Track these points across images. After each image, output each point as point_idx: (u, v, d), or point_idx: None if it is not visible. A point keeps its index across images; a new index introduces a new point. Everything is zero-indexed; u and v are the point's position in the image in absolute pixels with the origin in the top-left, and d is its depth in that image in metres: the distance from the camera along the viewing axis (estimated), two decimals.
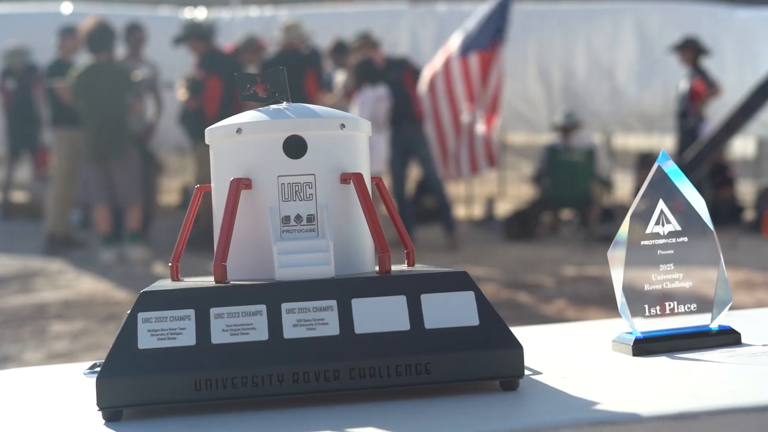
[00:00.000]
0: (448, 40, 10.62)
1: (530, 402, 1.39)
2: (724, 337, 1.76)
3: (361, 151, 1.65)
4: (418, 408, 1.39)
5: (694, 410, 1.23)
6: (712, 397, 1.32)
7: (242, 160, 1.59)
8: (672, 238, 1.77)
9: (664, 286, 1.77)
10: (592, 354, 1.75)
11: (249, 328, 1.44)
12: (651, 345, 1.72)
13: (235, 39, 11.78)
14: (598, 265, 9.61)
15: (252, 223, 1.58)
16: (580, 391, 1.42)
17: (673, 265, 1.77)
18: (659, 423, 1.22)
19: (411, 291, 1.48)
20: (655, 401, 1.31)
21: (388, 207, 1.77)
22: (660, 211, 1.77)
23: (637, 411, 1.25)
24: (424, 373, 1.43)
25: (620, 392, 1.40)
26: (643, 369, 1.58)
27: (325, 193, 1.57)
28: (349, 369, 1.42)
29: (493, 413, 1.34)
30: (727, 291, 1.77)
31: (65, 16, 13.52)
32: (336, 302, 1.46)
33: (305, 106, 1.63)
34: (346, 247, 1.60)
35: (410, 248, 1.77)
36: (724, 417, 1.22)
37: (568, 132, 11.76)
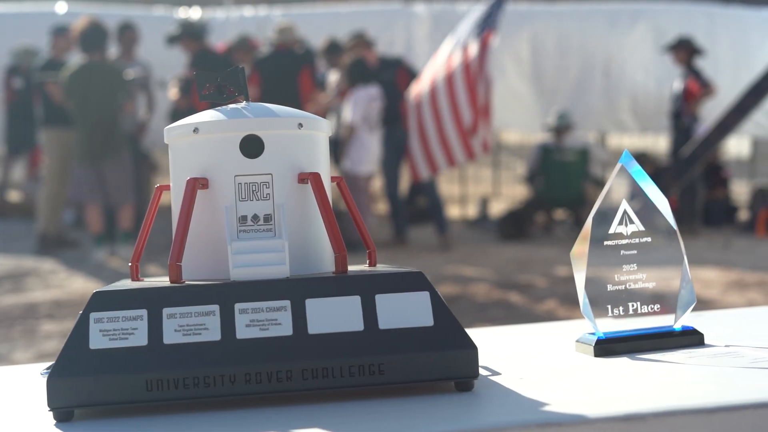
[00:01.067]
0: (442, 43, 10.56)
1: (482, 403, 1.38)
2: (688, 338, 1.75)
3: (320, 150, 1.64)
4: (371, 409, 1.38)
5: (642, 412, 1.22)
6: (663, 398, 1.31)
7: (199, 159, 1.58)
8: (635, 238, 1.76)
9: (627, 287, 1.76)
10: (556, 354, 1.74)
11: (201, 329, 1.43)
12: (613, 346, 1.71)
13: (228, 38, 11.76)
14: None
15: (209, 223, 1.57)
16: (534, 392, 1.41)
17: (637, 266, 1.77)
18: (606, 424, 1.21)
19: (366, 291, 1.47)
20: (606, 402, 1.30)
21: (349, 206, 1.76)
22: (623, 211, 1.77)
23: (584, 412, 1.24)
24: (378, 374, 1.42)
25: (573, 393, 1.40)
26: (602, 370, 1.57)
27: (282, 192, 1.56)
28: (301, 369, 1.41)
29: (444, 414, 1.33)
30: (691, 291, 1.76)
31: (60, 15, 13.51)
32: (290, 302, 1.45)
33: (263, 105, 1.62)
34: (304, 247, 1.59)
35: (372, 248, 1.76)
36: (671, 418, 1.21)
37: (561, 132, 11.76)
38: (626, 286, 1.76)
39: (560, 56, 13.42)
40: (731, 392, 1.32)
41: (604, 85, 13.33)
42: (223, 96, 1.64)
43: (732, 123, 10.81)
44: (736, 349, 1.67)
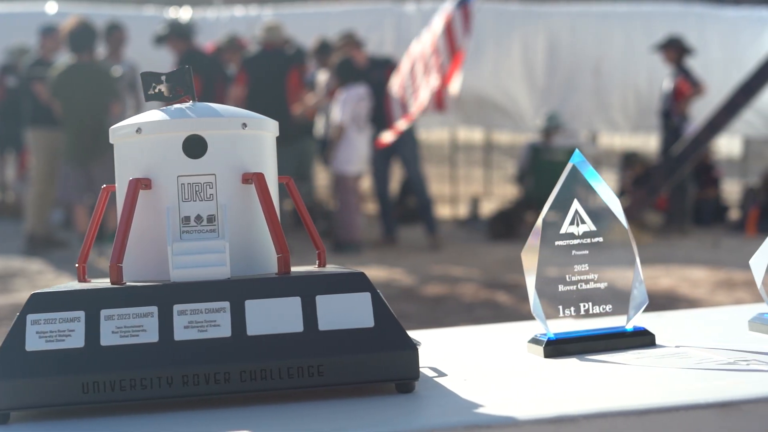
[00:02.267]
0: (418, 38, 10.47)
1: (420, 405, 1.37)
2: (639, 339, 1.74)
3: (265, 150, 1.63)
4: (309, 411, 1.37)
5: (573, 414, 1.21)
6: (599, 399, 1.30)
7: (142, 159, 1.57)
8: (587, 238, 1.75)
9: (579, 287, 1.75)
10: (508, 355, 1.73)
11: (139, 330, 1.42)
12: (564, 346, 1.70)
13: (217, 38, 11.74)
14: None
15: (152, 224, 1.56)
16: (473, 393, 1.40)
17: (588, 266, 1.76)
18: (536, 427, 1.20)
19: (306, 292, 1.46)
20: (541, 404, 1.29)
21: (298, 207, 1.75)
22: (575, 211, 1.76)
23: (515, 414, 1.23)
24: (317, 375, 1.41)
25: (512, 395, 1.39)
26: (548, 371, 1.56)
27: (226, 193, 1.55)
28: (239, 371, 1.40)
29: (380, 416, 1.32)
30: (643, 292, 1.75)
31: (50, 15, 13.49)
32: (229, 304, 1.44)
33: (208, 105, 1.61)
34: (248, 247, 1.58)
35: (321, 249, 1.75)
36: (602, 420, 1.21)
37: (551, 134, 11.76)
38: (578, 286, 1.75)
39: (551, 56, 13.41)
40: (668, 393, 1.31)
41: (594, 84, 13.32)
42: (170, 96, 1.63)
43: (722, 122, 10.82)
44: (685, 349, 1.66)
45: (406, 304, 7.66)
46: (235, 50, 11.01)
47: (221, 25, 13.44)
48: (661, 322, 2.05)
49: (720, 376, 1.42)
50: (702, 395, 1.26)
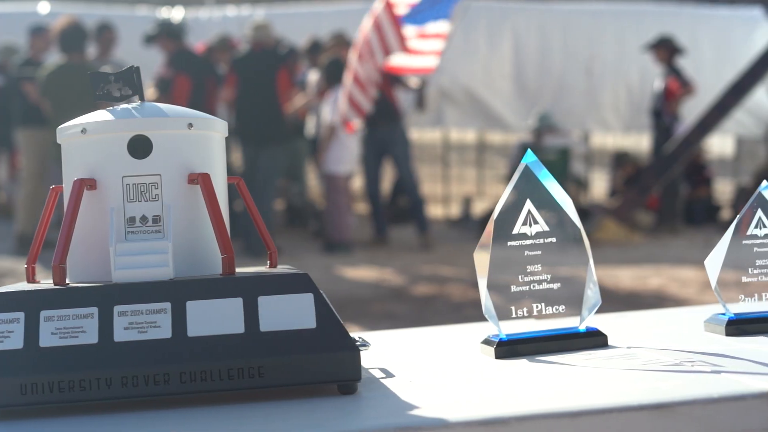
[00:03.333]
0: None
1: (359, 406, 1.36)
2: (592, 339, 1.73)
3: (212, 150, 1.62)
4: (249, 412, 1.37)
5: (505, 416, 1.21)
6: (536, 401, 1.29)
7: (87, 160, 1.56)
8: (540, 238, 1.74)
9: (531, 288, 1.74)
10: (460, 357, 1.72)
11: (79, 331, 1.41)
12: (515, 347, 1.69)
13: (208, 38, 11.73)
14: (570, 265, 9.57)
15: (97, 225, 1.55)
16: (415, 395, 1.40)
17: (541, 266, 1.75)
18: (466, 428, 1.19)
19: (248, 293, 1.45)
20: (477, 406, 1.29)
21: (249, 207, 1.74)
22: (527, 211, 1.75)
23: (447, 416, 1.22)
24: (257, 377, 1.41)
25: (453, 396, 1.38)
26: (494, 372, 1.55)
27: (171, 193, 1.55)
28: (179, 373, 1.40)
29: (316, 418, 1.31)
30: (596, 292, 1.75)
31: (42, 15, 13.47)
32: (170, 305, 1.44)
33: (154, 105, 1.60)
34: (194, 248, 1.57)
35: (272, 249, 1.74)
36: (534, 422, 1.20)
37: (542, 134, 11.74)
38: (531, 287, 1.74)
39: (543, 56, 13.39)
40: (604, 395, 1.30)
41: (586, 84, 13.31)
42: (118, 96, 1.62)
43: (712, 122, 10.82)
44: (635, 351, 1.65)
45: (395, 304, 7.66)
46: (226, 50, 11.00)
47: (214, 25, 13.42)
48: (620, 322, 2.04)
49: (661, 377, 1.41)
50: (636, 397, 1.26)
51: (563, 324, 1.76)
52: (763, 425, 1.24)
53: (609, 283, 8.67)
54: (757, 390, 1.27)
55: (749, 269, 1.86)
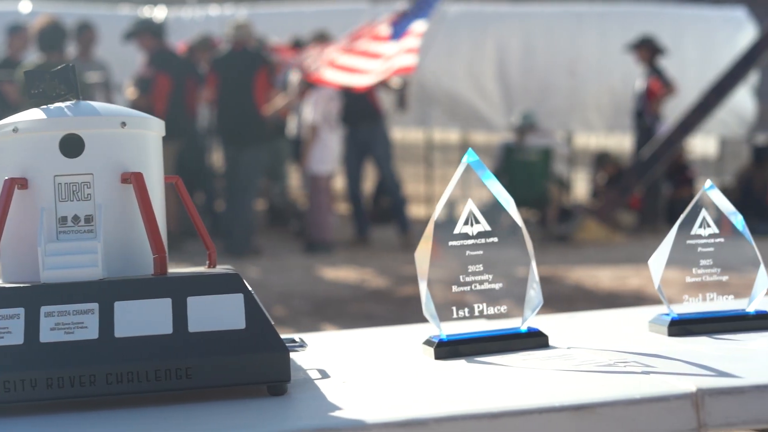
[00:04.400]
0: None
1: (284, 407, 1.35)
2: (533, 340, 1.72)
3: (147, 149, 1.60)
4: (176, 414, 1.36)
5: (424, 417, 1.20)
6: (461, 402, 1.28)
7: (19, 159, 1.54)
8: (481, 238, 1.73)
9: (473, 288, 1.73)
10: (400, 357, 1.71)
11: (5, 332, 1.40)
12: (456, 348, 1.68)
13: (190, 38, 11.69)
14: (551, 265, 9.58)
15: (28, 224, 1.53)
16: (344, 396, 1.39)
17: (483, 266, 1.74)
18: (383, 429, 1.18)
19: (178, 294, 1.44)
20: (400, 407, 1.27)
21: (187, 207, 1.73)
22: (469, 211, 1.74)
23: (365, 418, 1.21)
24: (185, 378, 1.39)
25: (381, 397, 1.37)
26: (430, 373, 1.54)
27: (104, 193, 1.53)
28: (105, 374, 1.38)
29: (239, 419, 1.30)
30: (539, 292, 1.74)
31: (24, 14, 13.42)
32: (98, 305, 1.42)
33: (88, 103, 1.58)
34: (126, 248, 1.55)
35: (212, 249, 1.73)
36: (453, 423, 1.19)
37: (525, 132, 11.74)
38: (472, 287, 1.73)
39: (526, 57, 13.40)
40: (531, 396, 1.29)
41: (570, 85, 13.32)
42: (53, 95, 1.60)
43: (694, 122, 10.82)
44: (574, 351, 1.64)
45: (374, 304, 7.65)
46: (207, 50, 10.97)
47: (196, 24, 13.38)
48: (568, 322, 2.04)
49: (590, 378, 1.40)
50: (559, 398, 1.25)
51: (508, 324, 1.75)
52: (685, 426, 1.23)
53: (589, 283, 8.67)
54: (680, 391, 1.26)
55: (693, 269, 1.85)
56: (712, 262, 1.85)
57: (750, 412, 1.25)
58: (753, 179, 11.75)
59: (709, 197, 1.83)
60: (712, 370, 1.38)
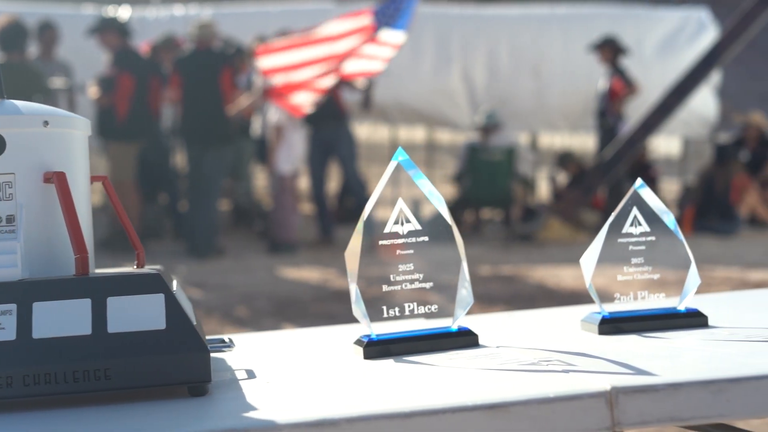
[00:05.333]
0: None
1: (201, 408, 1.34)
2: (463, 339, 1.72)
3: (71, 149, 1.59)
4: (94, 415, 1.34)
5: (335, 417, 1.19)
6: (378, 401, 1.28)
7: None
8: (412, 237, 1.73)
9: (403, 287, 1.73)
10: (330, 357, 1.71)
11: None
12: (386, 347, 1.68)
13: (153, 37, 11.64)
14: (514, 264, 9.61)
15: None
16: (265, 396, 1.38)
17: (413, 265, 1.73)
18: (294, 430, 1.17)
19: (97, 294, 1.43)
20: (316, 408, 1.27)
21: (115, 207, 1.71)
22: (399, 210, 1.74)
23: (276, 419, 1.20)
24: (104, 379, 1.38)
25: (301, 398, 1.36)
26: (356, 372, 1.54)
27: (26, 193, 1.52)
28: (23, 375, 1.37)
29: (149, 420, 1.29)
30: (470, 291, 1.74)
31: None
32: (16, 306, 1.41)
33: (11, 102, 1.57)
34: (49, 248, 1.54)
35: (140, 249, 1.72)
36: (365, 423, 1.18)
37: (489, 132, 11.77)
38: (402, 286, 1.73)
39: (491, 58, 13.44)
40: (446, 395, 1.29)
41: (534, 86, 13.37)
42: None
43: (656, 122, 10.89)
44: (502, 350, 1.64)
45: (336, 305, 7.64)
46: (171, 49, 10.93)
47: (160, 24, 13.32)
48: (505, 321, 2.04)
49: (511, 377, 1.40)
50: (472, 397, 1.24)
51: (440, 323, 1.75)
52: (599, 424, 1.23)
53: (551, 282, 8.70)
54: (594, 389, 1.26)
55: (625, 267, 1.86)
56: (644, 260, 1.85)
57: (664, 410, 1.26)
58: (715, 179, 11.82)
59: (641, 196, 1.84)
60: (631, 368, 1.39)
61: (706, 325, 1.79)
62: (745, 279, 8.67)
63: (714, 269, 9.15)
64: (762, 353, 1.49)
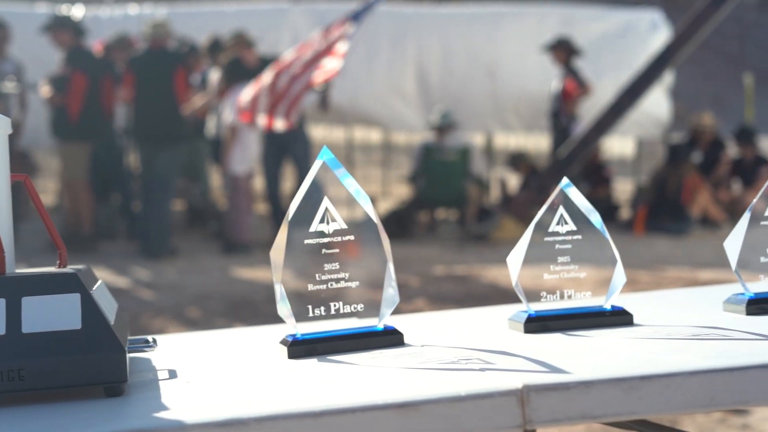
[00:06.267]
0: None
1: (115, 408, 1.33)
2: (389, 338, 1.72)
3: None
4: (8, 416, 1.33)
5: (244, 417, 1.19)
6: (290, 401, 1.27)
7: None
8: (338, 236, 1.73)
9: (329, 286, 1.72)
10: (255, 357, 1.70)
11: None
12: (311, 346, 1.67)
13: (107, 36, 11.56)
14: (467, 264, 9.64)
15: None
16: (181, 396, 1.37)
17: (339, 265, 1.73)
18: (202, 429, 1.17)
19: (13, 294, 1.41)
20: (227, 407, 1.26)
21: (37, 207, 1.69)
22: (325, 209, 1.73)
23: (184, 419, 1.20)
24: (17, 380, 1.37)
25: (217, 397, 1.35)
26: (277, 373, 1.53)
27: None
28: None
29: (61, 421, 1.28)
30: (396, 290, 1.74)
31: None
32: None
33: None
34: None
35: (62, 249, 1.70)
36: (273, 423, 1.18)
37: (443, 132, 11.79)
38: (328, 285, 1.72)
39: (445, 58, 13.46)
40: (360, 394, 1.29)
41: (489, 86, 13.40)
42: None
43: (608, 123, 10.96)
44: (425, 349, 1.65)
45: None
46: (125, 49, 10.86)
47: (115, 23, 13.21)
48: (436, 320, 2.04)
49: (428, 375, 1.41)
50: (383, 396, 1.24)
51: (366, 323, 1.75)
52: (510, 422, 1.24)
53: (505, 282, 8.72)
54: (506, 388, 1.27)
55: (551, 266, 1.86)
56: (570, 259, 1.86)
57: (575, 408, 1.26)
58: (667, 179, 11.91)
59: (568, 195, 1.84)
60: (548, 367, 1.39)
61: (631, 323, 1.80)
62: (696, 278, 8.74)
63: (665, 269, 9.22)
64: (681, 350, 1.50)
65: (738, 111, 19.92)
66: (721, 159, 12.61)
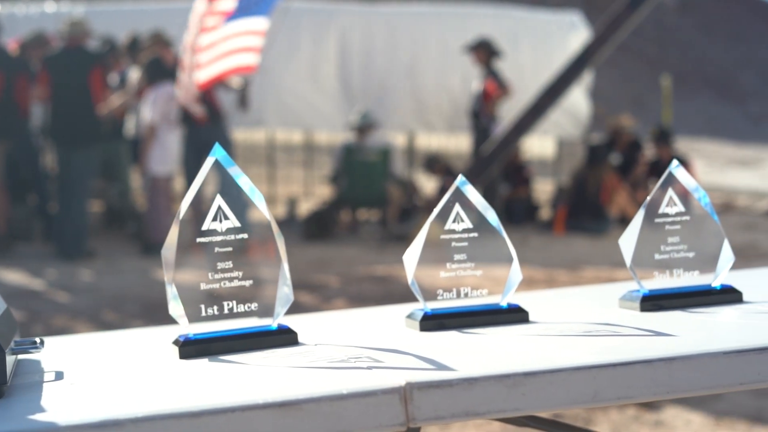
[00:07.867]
0: None
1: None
2: (282, 337, 1.71)
3: None
4: None
5: (119, 417, 1.16)
6: (173, 401, 1.25)
7: None
8: (230, 234, 1.71)
9: (222, 285, 1.70)
10: (146, 358, 1.68)
11: None
12: (204, 346, 1.65)
13: (22, 34, 11.36)
14: (387, 265, 9.65)
15: None
16: (61, 398, 1.35)
17: (232, 263, 1.71)
18: (78, 431, 1.14)
19: None
20: (105, 408, 1.24)
21: None
22: (218, 207, 1.72)
23: (58, 420, 1.17)
24: None
25: (98, 399, 1.33)
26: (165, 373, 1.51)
27: None
28: None
29: None
30: (291, 289, 1.72)
31: None
32: None
33: None
34: None
35: None
36: (150, 423, 1.16)
37: (364, 132, 11.79)
38: (221, 284, 1.70)
39: (367, 57, 13.46)
40: (241, 394, 1.27)
41: (410, 85, 13.43)
42: None
43: (528, 123, 11.05)
44: (320, 347, 1.64)
45: None
46: (41, 47, 10.68)
47: (31, 21, 13.00)
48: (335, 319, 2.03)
49: (315, 374, 1.40)
50: (263, 395, 1.23)
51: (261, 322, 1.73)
52: (393, 420, 1.23)
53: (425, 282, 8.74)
54: (389, 385, 1.26)
55: (447, 264, 1.86)
56: (467, 256, 1.87)
57: (459, 405, 1.26)
58: (587, 179, 12.05)
59: (463, 193, 1.85)
60: (434, 364, 1.39)
61: (527, 321, 1.81)
62: (614, 277, 8.85)
63: (584, 268, 9.32)
64: (570, 347, 1.51)
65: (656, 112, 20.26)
66: (639, 160, 12.79)
